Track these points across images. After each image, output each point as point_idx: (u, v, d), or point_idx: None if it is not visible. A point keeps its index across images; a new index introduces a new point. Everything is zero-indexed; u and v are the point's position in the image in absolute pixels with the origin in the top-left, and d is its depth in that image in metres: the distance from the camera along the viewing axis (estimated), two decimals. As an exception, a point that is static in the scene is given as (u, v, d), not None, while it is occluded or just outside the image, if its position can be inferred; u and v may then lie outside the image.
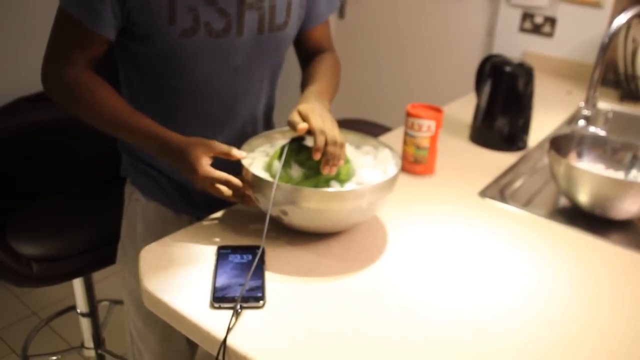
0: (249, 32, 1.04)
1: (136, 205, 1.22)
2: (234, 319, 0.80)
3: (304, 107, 0.99)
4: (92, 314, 1.82)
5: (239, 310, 0.81)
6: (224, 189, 0.96)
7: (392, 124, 1.98)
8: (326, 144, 0.93)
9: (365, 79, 2.96)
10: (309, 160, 0.97)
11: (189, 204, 1.21)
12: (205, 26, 0.98)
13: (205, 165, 0.95)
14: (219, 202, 1.04)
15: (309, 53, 1.24)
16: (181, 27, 0.97)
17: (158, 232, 1.13)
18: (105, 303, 2.20)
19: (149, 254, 0.95)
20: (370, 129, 1.90)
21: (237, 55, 1.06)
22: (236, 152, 0.98)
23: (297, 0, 1.12)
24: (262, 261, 0.92)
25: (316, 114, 0.96)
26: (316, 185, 0.96)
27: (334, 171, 0.95)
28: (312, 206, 0.92)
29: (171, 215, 1.21)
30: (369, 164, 1.05)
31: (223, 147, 0.97)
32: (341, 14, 2.92)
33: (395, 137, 1.44)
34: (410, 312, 0.85)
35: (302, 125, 0.94)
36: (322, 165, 0.94)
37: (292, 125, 0.96)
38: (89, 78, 1.03)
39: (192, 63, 1.03)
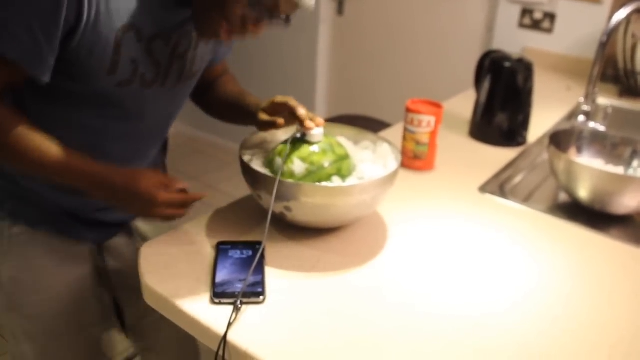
0: (171, 81, 1.01)
1: (19, 239, 1.08)
2: (234, 314, 0.80)
3: (283, 98, 1.05)
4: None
5: (239, 306, 0.81)
6: (180, 211, 0.95)
7: (391, 120, 1.97)
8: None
9: (364, 75, 2.95)
10: (312, 156, 0.97)
11: (86, 229, 1.13)
12: (141, 77, 0.95)
13: (161, 191, 0.92)
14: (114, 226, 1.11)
15: (206, 81, 1.19)
16: (120, 78, 0.92)
17: (48, 265, 1.09)
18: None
19: (149, 250, 0.95)
20: (370, 125, 1.90)
21: (157, 102, 1.03)
22: (185, 184, 0.97)
23: (210, 47, 1.09)
24: (262, 257, 0.92)
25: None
26: (319, 181, 0.96)
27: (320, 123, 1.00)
28: (318, 201, 0.92)
29: (64, 244, 1.11)
30: (368, 159, 1.05)
31: (171, 178, 0.96)
32: (340, 10, 2.92)
33: (394, 133, 1.44)
34: (410, 308, 0.85)
35: (310, 124, 0.99)
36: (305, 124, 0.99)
37: (302, 120, 1.00)
38: (3, 113, 0.89)
39: (115, 107, 0.98)
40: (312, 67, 3.09)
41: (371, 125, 1.95)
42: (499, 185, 1.27)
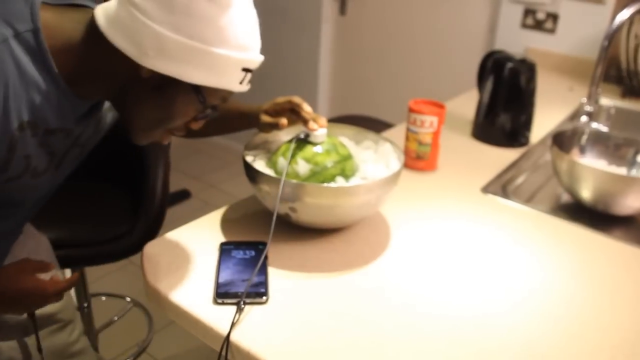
0: (65, 166, 0.92)
1: None
2: (237, 314, 0.80)
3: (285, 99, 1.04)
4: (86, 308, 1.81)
5: (243, 306, 0.81)
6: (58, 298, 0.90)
7: (394, 121, 1.97)
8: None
9: (366, 76, 2.95)
10: (316, 157, 0.97)
11: None
12: (33, 170, 0.84)
13: (44, 281, 0.88)
14: None
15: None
16: (10, 175, 0.82)
17: None
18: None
19: (152, 250, 0.95)
20: (372, 126, 1.90)
21: (44, 186, 0.93)
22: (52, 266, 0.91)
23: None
24: (265, 257, 0.92)
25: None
26: (323, 182, 0.96)
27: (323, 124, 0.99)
28: (323, 202, 0.92)
29: None
30: (370, 159, 1.05)
31: (40, 262, 0.91)
32: (342, 9, 2.92)
33: (397, 133, 1.44)
34: (413, 308, 0.85)
35: (314, 126, 0.99)
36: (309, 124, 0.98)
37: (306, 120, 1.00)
38: None
39: (3, 198, 0.88)
40: (314, 67, 3.09)
41: (373, 125, 1.95)
42: (501, 185, 1.27)
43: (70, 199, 1.70)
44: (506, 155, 1.41)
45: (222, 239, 0.99)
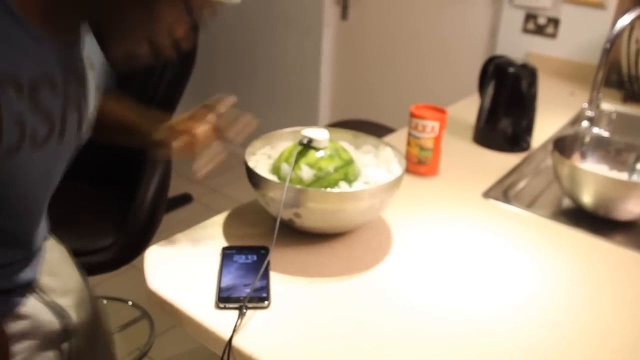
0: (70, 135, 0.83)
1: None
2: (239, 319, 0.80)
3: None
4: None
5: (245, 311, 0.82)
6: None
7: (396, 125, 1.98)
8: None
9: (368, 80, 2.96)
10: (319, 162, 0.98)
11: None
12: (31, 138, 0.74)
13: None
14: None
15: None
16: (7, 144, 0.71)
17: None
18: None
19: (154, 255, 0.95)
20: (374, 130, 1.90)
21: (56, 164, 0.86)
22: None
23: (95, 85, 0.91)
24: (268, 261, 0.93)
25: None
26: (327, 187, 0.97)
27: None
28: (328, 207, 0.93)
29: None
30: (371, 163, 1.06)
31: None
32: (344, 14, 2.92)
33: (398, 138, 1.45)
34: (414, 312, 0.85)
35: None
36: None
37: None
38: None
39: (8, 185, 0.78)
40: (315, 71, 3.09)
41: (375, 130, 1.95)
42: (502, 190, 1.27)
43: (65, 203, 1.70)
44: (507, 160, 1.42)
45: (224, 244, 0.99)
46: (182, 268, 0.92)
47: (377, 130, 1.94)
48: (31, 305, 0.93)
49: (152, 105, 2.89)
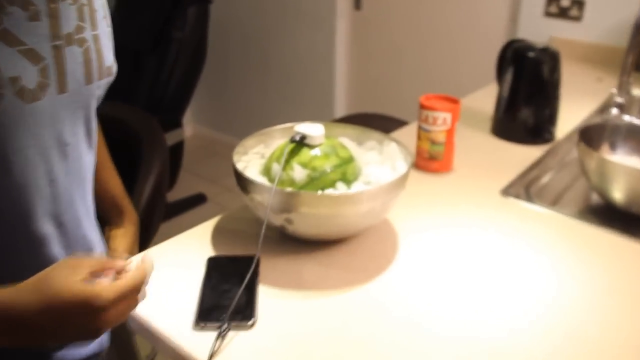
0: (74, 82, 0.66)
1: None
2: (218, 341, 0.71)
3: None
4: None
5: (225, 331, 0.72)
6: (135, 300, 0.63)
7: (411, 118, 1.87)
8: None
9: (382, 71, 2.85)
10: (313, 161, 0.88)
11: None
12: (13, 83, 0.58)
13: (98, 286, 0.57)
14: None
15: None
16: None
17: None
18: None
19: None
20: (386, 124, 1.80)
21: (63, 126, 0.67)
22: (124, 262, 0.63)
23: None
24: (256, 273, 0.83)
25: None
26: (322, 188, 0.87)
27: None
28: (322, 212, 0.83)
29: None
30: (374, 161, 0.96)
31: (99, 260, 0.62)
32: (357, 4, 2.82)
33: (408, 132, 1.34)
34: (422, 329, 0.75)
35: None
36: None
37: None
38: None
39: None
40: (329, 63, 3.00)
41: (387, 123, 1.85)
42: (523, 187, 1.16)
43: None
44: (529, 153, 1.30)
45: (212, 253, 0.90)
46: (163, 281, 0.83)
47: (389, 123, 1.83)
48: None
49: (163, 102, 2.83)
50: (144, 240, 1.37)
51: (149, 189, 1.30)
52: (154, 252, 0.90)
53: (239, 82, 3.50)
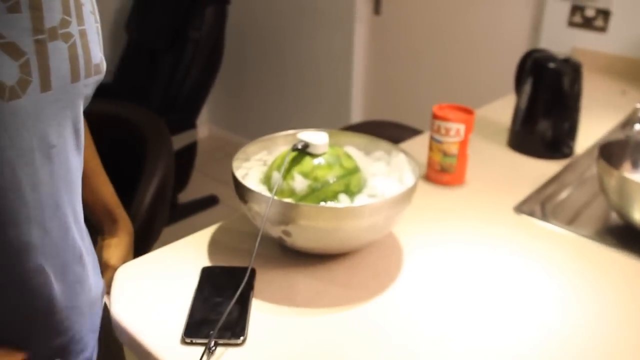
0: (59, 80, 0.61)
1: None
2: (205, 358, 0.67)
3: None
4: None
5: (212, 348, 0.68)
6: None
7: (427, 126, 1.82)
8: None
9: (400, 78, 2.80)
10: (315, 170, 0.84)
11: None
12: None
13: None
14: None
15: None
16: None
17: None
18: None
19: (123, 276, 0.83)
20: (399, 132, 1.75)
21: (48, 127, 0.62)
22: None
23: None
24: (250, 287, 0.79)
25: None
26: (324, 200, 0.83)
27: None
28: (321, 225, 0.78)
29: None
30: (381, 172, 0.91)
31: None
32: (377, 9, 2.78)
33: (420, 143, 1.29)
34: (427, 353, 0.70)
35: None
36: None
37: None
38: None
39: None
40: (347, 68, 2.96)
41: (400, 132, 1.80)
42: (539, 203, 1.11)
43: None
44: (546, 168, 1.24)
45: (208, 263, 0.86)
46: (153, 292, 0.79)
47: (403, 132, 1.78)
48: None
49: (177, 102, 2.81)
50: (146, 242, 1.34)
51: (151, 192, 1.27)
52: (148, 259, 0.86)
53: (255, 84, 3.48)
